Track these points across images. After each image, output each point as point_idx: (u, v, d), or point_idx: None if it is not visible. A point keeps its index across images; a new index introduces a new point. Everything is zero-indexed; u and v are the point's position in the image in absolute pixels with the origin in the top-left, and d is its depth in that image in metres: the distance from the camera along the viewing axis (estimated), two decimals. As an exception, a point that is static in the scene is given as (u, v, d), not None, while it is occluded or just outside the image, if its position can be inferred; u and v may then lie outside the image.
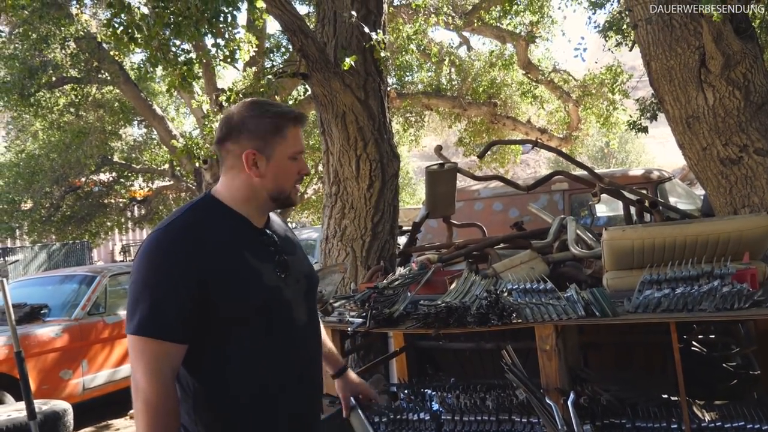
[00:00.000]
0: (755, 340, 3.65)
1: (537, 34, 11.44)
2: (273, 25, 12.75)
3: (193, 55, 4.70)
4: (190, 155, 7.52)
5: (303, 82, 5.76)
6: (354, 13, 4.49)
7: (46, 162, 12.78)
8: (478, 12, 11.13)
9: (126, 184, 14.42)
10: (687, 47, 3.97)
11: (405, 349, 4.15)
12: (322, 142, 5.01)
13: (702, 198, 5.58)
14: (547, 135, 13.38)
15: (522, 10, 10.99)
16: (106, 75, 10.68)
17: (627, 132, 10.16)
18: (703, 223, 3.33)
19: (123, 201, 14.81)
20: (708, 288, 2.76)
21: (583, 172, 5.29)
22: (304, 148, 1.72)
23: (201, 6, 3.46)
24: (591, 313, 2.87)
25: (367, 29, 4.45)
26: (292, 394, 1.63)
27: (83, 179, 13.53)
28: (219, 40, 4.32)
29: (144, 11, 3.97)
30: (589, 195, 5.52)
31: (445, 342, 4.11)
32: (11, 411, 4.35)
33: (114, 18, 3.86)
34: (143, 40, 3.84)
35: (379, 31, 4.54)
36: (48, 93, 11.05)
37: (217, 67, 10.58)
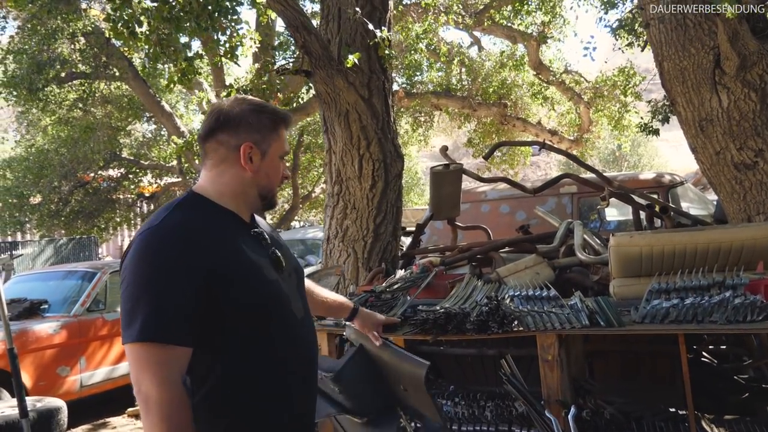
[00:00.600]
0: (768, 352, 3.52)
1: (548, 34, 11.30)
2: (282, 22, 12.66)
3: (198, 50, 4.61)
4: (190, 151, 7.43)
5: (307, 80, 5.67)
6: (358, 10, 4.40)
7: (55, 157, 12.81)
8: (488, 11, 11.00)
9: (134, 180, 14.44)
10: (701, 47, 3.84)
11: (405, 354, 4.05)
12: (324, 140, 4.92)
13: (715, 204, 5.45)
14: (558, 137, 13.22)
15: (533, 9, 10.86)
16: (114, 71, 10.65)
17: (639, 135, 9.98)
18: (716, 231, 3.21)
19: (131, 197, 14.84)
20: (719, 299, 2.63)
21: (592, 175, 5.16)
22: (289, 150, 1.70)
23: (203, 0, 3.38)
24: (595, 323, 2.75)
25: (372, 26, 4.35)
26: (298, 392, 1.58)
27: (92, 174, 13.55)
28: (221, 35, 4.23)
29: (146, 4, 3.89)
30: (598, 198, 5.39)
31: (447, 347, 4.01)
32: (6, 408, 4.30)
33: (115, 12, 3.79)
34: (143, 34, 3.76)
35: (384, 29, 4.44)
36: (57, 88, 11.04)
37: (226, 64, 10.52)
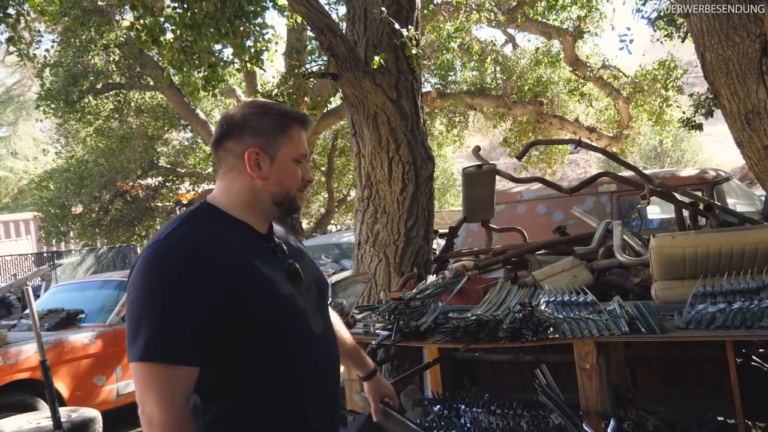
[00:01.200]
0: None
1: (585, 29, 11.02)
2: (314, 27, 12.67)
3: (224, 57, 4.60)
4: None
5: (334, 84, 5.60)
6: (384, 10, 4.31)
7: (94, 167, 13.09)
8: (522, 8, 10.79)
9: (172, 187, 14.65)
10: (746, 35, 3.63)
11: (439, 361, 3.95)
12: (353, 144, 4.85)
13: (763, 200, 5.18)
14: (596, 134, 12.90)
15: (568, 4, 10.61)
16: (149, 80, 10.82)
17: (681, 130, 9.65)
18: (765, 230, 3.01)
19: (170, 204, 15.06)
20: (770, 302, 2.46)
21: (631, 173, 4.96)
22: (308, 152, 1.58)
23: (220, 6, 3.33)
24: (636, 329, 2.61)
25: (398, 26, 4.25)
26: (314, 409, 1.50)
27: (130, 183, 13.80)
28: (246, 41, 4.19)
29: (169, 12, 3.89)
30: (639, 197, 5.19)
31: (482, 354, 3.89)
32: (42, 419, 4.34)
33: (138, 20, 3.79)
34: (167, 42, 3.75)
35: (411, 27, 4.34)
36: (93, 99, 11.27)
37: (260, 70, 10.57)
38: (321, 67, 6.23)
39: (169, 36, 3.75)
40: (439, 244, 5.94)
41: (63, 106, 9.91)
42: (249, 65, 4.24)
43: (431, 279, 3.72)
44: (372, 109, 4.51)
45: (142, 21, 3.69)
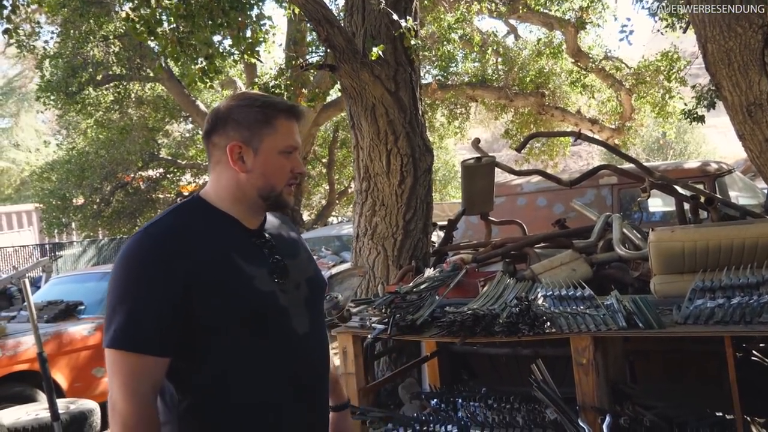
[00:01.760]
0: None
1: (587, 19, 10.92)
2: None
3: (220, 48, 4.55)
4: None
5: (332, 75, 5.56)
6: (382, 0, 4.26)
7: (95, 159, 13.07)
8: (523, -2, 10.71)
9: (173, 179, 14.64)
10: (749, 26, 3.58)
11: (436, 354, 3.93)
12: (352, 136, 4.81)
13: (765, 193, 5.14)
14: (598, 126, 12.83)
15: (570, -6, 10.52)
16: (149, 72, 10.77)
17: (685, 121, 9.58)
18: (764, 223, 2.98)
19: (171, 196, 15.04)
20: (769, 298, 2.44)
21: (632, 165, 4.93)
22: (298, 144, 1.53)
23: (216, -4, 3.30)
24: (633, 324, 2.58)
25: (396, 16, 4.21)
26: (289, 410, 1.47)
27: (131, 175, 13.79)
28: (242, 32, 4.15)
29: (165, 2, 3.85)
30: (639, 190, 5.15)
31: (480, 347, 3.87)
32: (40, 410, 4.33)
33: (134, 11, 3.76)
34: (163, 33, 3.72)
35: (409, 18, 4.30)
36: (93, 91, 11.24)
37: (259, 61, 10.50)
38: (320, 59, 6.18)
39: (165, 27, 3.71)
40: (439, 236, 5.92)
41: (63, 97, 9.89)
42: (246, 57, 4.21)
43: (429, 272, 3.70)
44: (370, 101, 4.47)
45: (137, 12, 3.66)
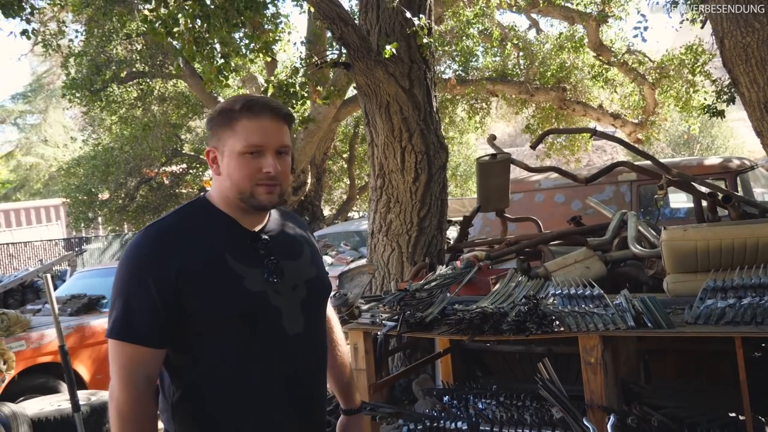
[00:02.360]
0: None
1: (609, 13, 10.76)
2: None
3: (239, 47, 4.60)
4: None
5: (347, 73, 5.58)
6: (396, -2, 4.28)
7: (120, 154, 13.28)
8: (544, -8, 10.59)
9: (196, 174, 14.81)
10: (766, 21, 3.53)
11: (449, 351, 3.95)
12: (366, 133, 4.84)
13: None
14: (621, 120, 12.64)
15: (592, -12, 10.37)
16: (171, 69, 10.90)
17: (707, 116, 9.41)
18: (779, 223, 2.94)
19: (194, 191, 15.22)
20: (781, 299, 2.41)
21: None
22: (264, 142, 1.49)
23: (230, -3, 3.34)
24: (642, 324, 2.58)
25: (410, 14, 4.22)
26: (279, 409, 1.52)
27: (155, 170, 13.98)
28: (257, 31, 4.19)
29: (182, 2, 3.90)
30: (657, 186, 5.09)
31: (493, 345, 3.88)
32: (63, 401, 4.44)
33: (152, 12, 3.82)
34: (180, 33, 3.78)
35: (422, 16, 4.30)
36: (117, 88, 11.42)
37: (278, 59, 10.57)
38: (336, 57, 6.21)
39: (182, 27, 3.77)
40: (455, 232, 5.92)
41: (88, 94, 10.08)
42: (261, 55, 4.26)
43: (440, 269, 3.71)
44: (384, 99, 4.49)
45: (155, 12, 3.72)
